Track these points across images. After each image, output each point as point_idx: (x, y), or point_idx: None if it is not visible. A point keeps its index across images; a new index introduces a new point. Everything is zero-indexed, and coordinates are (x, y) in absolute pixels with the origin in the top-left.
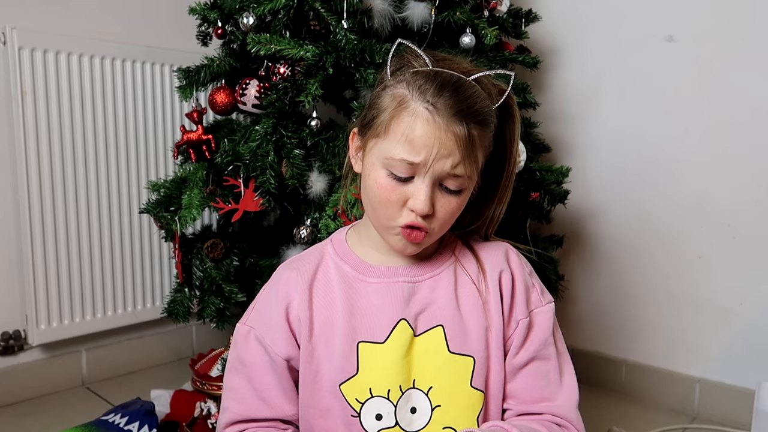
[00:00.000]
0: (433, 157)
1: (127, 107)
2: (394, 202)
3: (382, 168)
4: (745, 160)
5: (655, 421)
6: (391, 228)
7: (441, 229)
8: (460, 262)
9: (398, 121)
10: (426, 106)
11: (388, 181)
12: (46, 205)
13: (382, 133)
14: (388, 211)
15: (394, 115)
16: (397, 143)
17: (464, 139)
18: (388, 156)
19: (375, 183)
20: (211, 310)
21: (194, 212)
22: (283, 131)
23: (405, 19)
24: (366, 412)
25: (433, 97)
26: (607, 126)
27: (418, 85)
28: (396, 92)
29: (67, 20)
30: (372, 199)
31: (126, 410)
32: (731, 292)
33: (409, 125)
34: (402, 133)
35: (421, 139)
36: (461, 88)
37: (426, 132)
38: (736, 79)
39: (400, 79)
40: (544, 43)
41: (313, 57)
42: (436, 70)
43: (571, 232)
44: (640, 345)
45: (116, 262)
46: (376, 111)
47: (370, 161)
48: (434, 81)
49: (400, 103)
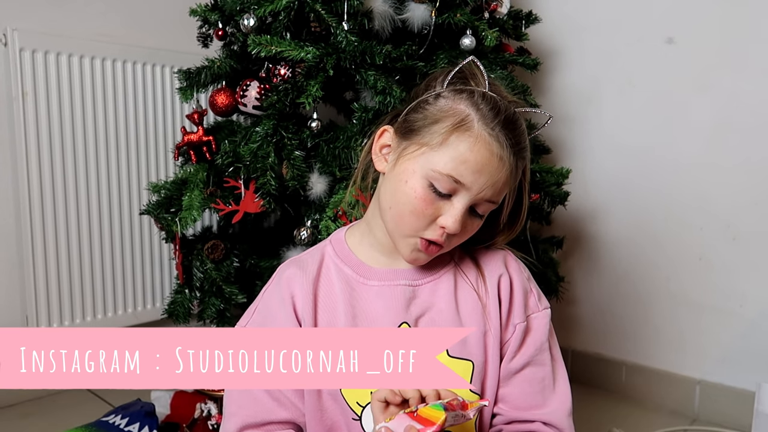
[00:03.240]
0: (482, 184)
1: (128, 108)
2: (427, 216)
3: (423, 178)
4: (745, 162)
5: (655, 422)
6: (412, 237)
7: (454, 245)
8: (459, 267)
9: (458, 139)
10: (490, 133)
11: (428, 193)
12: (47, 206)
13: (435, 144)
14: (417, 222)
15: (454, 131)
16: (451, 160)
17: (513, 172)
18: (436, 169)
19: (413, 191)
20: (212, 312)
21: (195, 213)
22: (284, 133)
23: (405, 20)
24: (367, 416)
25: (496, 126)
26: (607, 127)
27: (482, 109)
28: (456, 108)
29: (67, 22)
30: (403, 205)
31: (126, 411)
32: (731, 293)
33: (470, 147)
34: (460, 151)
35: (478, 164)
36: (517, 122)
37: (484, 158)
38: (736, 80)
39: (459, 96)
40: (544, 44)
41: (313, 58)
42: (495, 97)
43: (571, 233)
44: (640, 346)
45: (117, 264)
46: (427, 119)
47: (410, 167)
48: (495, 109)
49: (463, 122)
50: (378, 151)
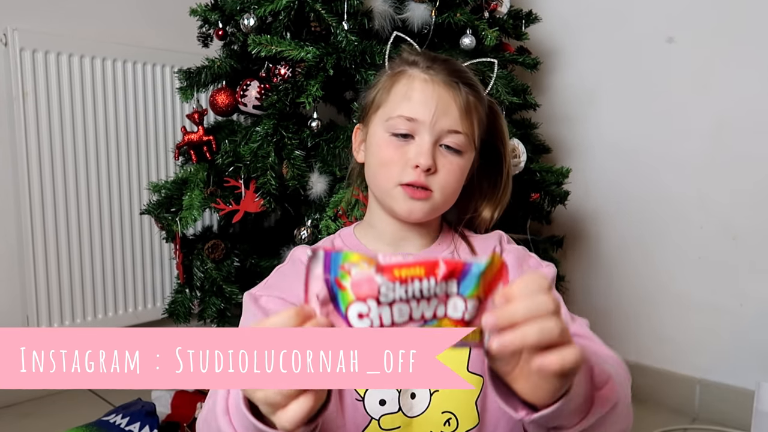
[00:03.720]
0: (432, 112)
1: (128, 108)
2: (396, 161)
3: (384, 131)
4: (745, 161)
5: (655, 421)
6: (394, 188)
7: (443, 192)
8: (457, 252)
9: (398, 83)
10: (422, 71)
11: (391, 140)
12: (47, 206)
13: (382, 102)
14: (389, 171)
15: (392, 82)
16: (398, 103)
17: (461, 95)
18: (388, 117)
19: (378, 147)
20: (212, 311)
21: (195, 213)
22: (284, 132)
23: (405, 20)
24: (369, 397)
25: (427, 64)
26: (607, 127)
27: (412, 59)
28: (391, 68)
29: (68, 21)
30: (376, 163)
31: (127, 411)
32: (731, 292)
33: (408, 85)
34: (401, 93)
35: (420, 96)
36: (451, 60)
37: (424, 89)
38: (736, 80)
39: (393, 62)
40: (544, 44)
41: (313, 58)
42: (424, 50)
43: (571, 232)
44: (641, 345)
45: (117, 263)
46: (373, 90)
47: (373, 132)
48: (427, 55)
49: (396, 74)
50: (357, 147)
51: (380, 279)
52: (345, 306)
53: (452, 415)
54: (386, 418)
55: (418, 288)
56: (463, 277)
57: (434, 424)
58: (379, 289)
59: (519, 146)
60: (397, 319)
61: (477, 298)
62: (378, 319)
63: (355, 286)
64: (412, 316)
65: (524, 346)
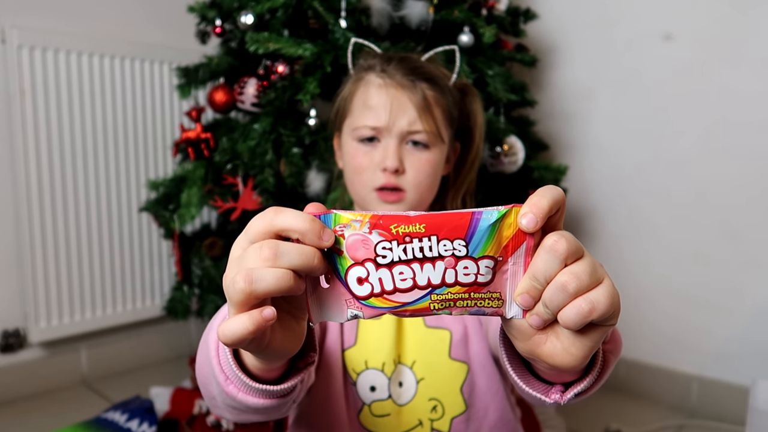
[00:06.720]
0: (390, 115)
1: (126, 105)
2: (366, 167)
3: (353, 140)
4: (743, 158)
5: (652, 417)
6: (369, 194)
7: (417, 189)
8: None
9: (357, 92)
10: (377, 75)
11: (359, 146)
12: (46, 203)
13: (347, 113)
14: (362, 177)
15: (352, 90)
16: (360, 113)
17: (416, 94)
18: (354, 127)
19: (349, 156)
20: (211, 308)
21: (193, 210)
22: (282, 130)
23: (403, 17)
24: (361, 383)
25: (382, 66)
26: (605, 124)
27: (368, 63)
28: (353, 78)
29: (66, 19)
30: (349, 172)
31: (126, 408)
32: (728, 289)
33: (365, 93)
34: (360, 102)
35: (377, 102)
36: (408, 58)
37: (379, 94)
38: (734, 77)
39: (356, 68)
40: (542, 41)
41: (311, 56)
42: (382, 52)
43: (568, 229)
44: (638, 342)
45: (116, 260)
46: (339, 100)
47: (344, 141)
48: (382, 57)
49: (355, 82)
50: (338, 156)
51: (376, 237)
52: (344, 271)
53: (438, 402)
54: (377, 404)
55: (418, 247)
56: (471, 233)
57: (422, 412)
58: (375, 248)
59: (516, 143)
60: (400, 284)
61: (491, 258)
62: (378, 283)
63: (350, 248)
64: (416, 281)
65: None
